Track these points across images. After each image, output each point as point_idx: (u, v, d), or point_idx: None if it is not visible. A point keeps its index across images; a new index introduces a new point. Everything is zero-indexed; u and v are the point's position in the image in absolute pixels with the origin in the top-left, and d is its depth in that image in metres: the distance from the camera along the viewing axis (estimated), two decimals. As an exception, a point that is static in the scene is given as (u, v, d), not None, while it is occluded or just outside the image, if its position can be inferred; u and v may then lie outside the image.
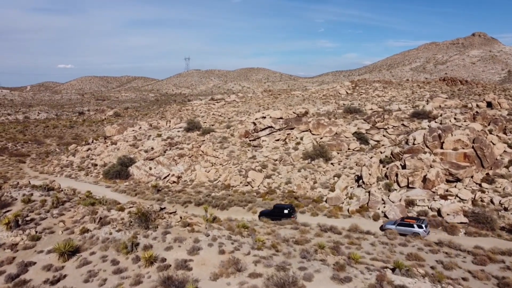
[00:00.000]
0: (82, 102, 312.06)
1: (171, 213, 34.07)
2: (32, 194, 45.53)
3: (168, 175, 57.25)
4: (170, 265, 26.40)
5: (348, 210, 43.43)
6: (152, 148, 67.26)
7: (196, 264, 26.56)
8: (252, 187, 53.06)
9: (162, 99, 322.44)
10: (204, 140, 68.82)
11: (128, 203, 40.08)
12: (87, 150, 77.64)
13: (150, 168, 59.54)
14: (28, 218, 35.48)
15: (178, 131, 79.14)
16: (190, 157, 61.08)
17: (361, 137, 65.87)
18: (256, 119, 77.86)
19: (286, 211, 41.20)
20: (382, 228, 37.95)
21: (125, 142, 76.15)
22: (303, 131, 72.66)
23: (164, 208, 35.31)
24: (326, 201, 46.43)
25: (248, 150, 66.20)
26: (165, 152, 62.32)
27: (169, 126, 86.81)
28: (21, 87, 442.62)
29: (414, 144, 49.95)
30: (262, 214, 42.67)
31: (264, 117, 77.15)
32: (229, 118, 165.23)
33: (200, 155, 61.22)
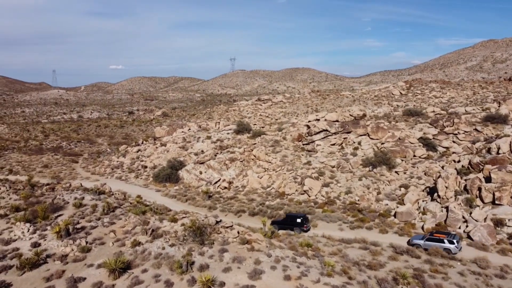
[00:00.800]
0: (131, 102, 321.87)
1: (227, 227, 30.89)
2: (83, 198, 44.37)
3: (219, 180, 54.60)
4: (231, 293, 23.17)
5: (422, 228, 38.24)
6: (202, 151, 65.03)
7: (260, 293, 23.13)
8: (309, 196, 49.02)
9: (208, 99, 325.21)
10: (255, 144, 65.61)
11: (181, 212, 37.56)
12: (137, 151, 77.13)
13: (201, 172, 57.20)
14: (78, 226, 33.77)
15: (228, 133, 76.63)
16: (241, 161, 58.10)
17: (428, 143, 59.74)
18: (309, 121, 73.62)
19: (298, 220, 39.16)
20: (409, 243, 34.78)
21: (175, 144, 74.73)
22: (361, 135, 67.49)
23: (220, 221, 32.23)
24: (395, 216, 41.44)
25: (302, 155, 62.16)
26: (215, 155, 59.80)
27: (218, 127, 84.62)
28: (76, 87, 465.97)
29: (498, 153, 43.62)
30: (274, 223, 40.26)
31: (318, 120, 72.68)
32: (276, 119, 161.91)
33: (252, 159, 58.06)
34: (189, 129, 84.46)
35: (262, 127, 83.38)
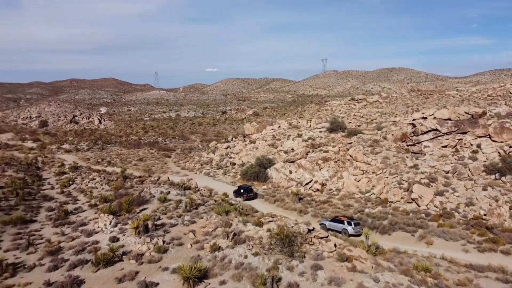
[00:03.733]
0: (225, 102, 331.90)
1: (322, 237, 25.51)
2: (169, 193, 42.59)
3: (310, 181, 49.30)
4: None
5: None
6: (292, 149, 60.35)
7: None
8: (419, 206, 41.09)
9: (299, 100, 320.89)
10: (351, 143, 58.82)
11: (268, 215, 33.16)
12: (226, 148, 75.47)
13: (291, 172, 52.49)
14: (159, 222, 31.28)
15: (320, 131, 70.84)
16: (336, 161, 52.00)
17: None
18: (414, 119, 64.29)
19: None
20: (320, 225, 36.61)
21: (264, 141, 71.29)
22: (480, 137, 56.64)
23: (313, 229, 26.96)
24: (540, 239, 31.91)
25: (407, 157, 53.79)
26: (307, 154, 54.60)
27: (310, 125, 79.20)
28: (175, 88, 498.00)
29: None
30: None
31: (425, 118, 63.03)
32: (372, 120, 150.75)
33: (348, 160, 51.56)
34: (279, 126, 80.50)
35: (358, 126, 75.82)
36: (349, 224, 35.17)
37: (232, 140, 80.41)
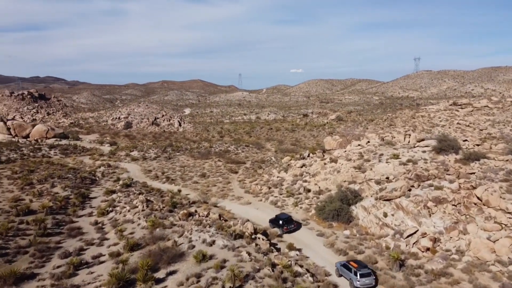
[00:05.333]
0: (307, 104, 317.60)
1: None
2: (213, 243, 31.04)
3: (414, 233, 34.31)
4: None
5: None
6: (387, 178, 45.28)
7: None
8: None
9: (387, 103, 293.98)
10: (473, 173, 41.88)
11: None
12: (301, 167, 62.47)
13: (385, 215, 37.84)
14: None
15: (424, 151, 54.34)
16: (455, 205, 36.04)
17: None
18: None
19: None
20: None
21: (348, 162, 56.89)
22: None
23: None
24: None
25: None
26: (409, 190, 39.33)
27: (408, 141, 62.62)
28: (258, 89, 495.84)
29: None
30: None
31: None
32: (481, 130, 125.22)
33: (475, 204, 35.27)
34: (368, 141, 65.15)
35: (478, 145, 57.38)
36: (355, 274, 28.59)
37: (309, 156, 67.10)
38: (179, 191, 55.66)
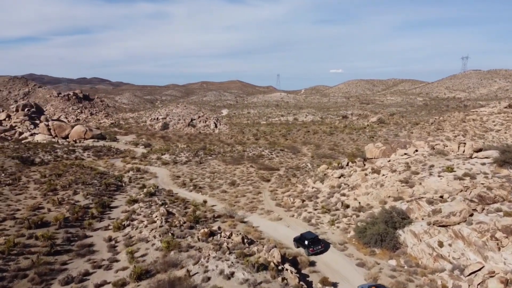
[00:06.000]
0: (346, 105, 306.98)
1: None
2: (232, 275, 26.50)
3: (479, 270, 27.92)
4: None
5: None
6: (441, 197, 38.70)
7: None
8: None
9: (432, 104, 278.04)
10: (550, 195, 34.46)
11: None
12: (339, 177, 56.54)
13: (441, 244, 31.51)
14: None
15: (483, 164, 47.01)
16: (531, 237, 29.20)
17: None
18: None
19: None
20: None
21: (393, 173, 50.44)
22: None
23: None
24: None
25: None
26: (471, 215, 32.73)
27: (463, 151, 55.09)
28: (296, 90, 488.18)
29: None
30: None
31: None
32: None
33: (559, 237, 28.32)
34: (416, 150, 58.15)
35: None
36: None
37: (348, 165, 60.97)
38: (205, 202, 51.61)
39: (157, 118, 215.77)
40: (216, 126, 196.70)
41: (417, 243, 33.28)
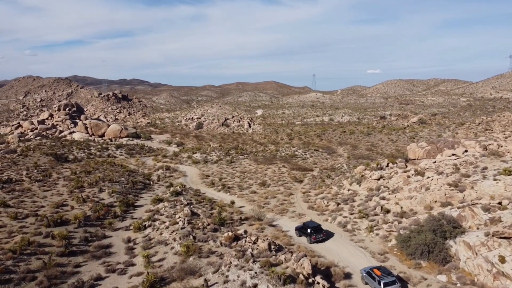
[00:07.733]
0: (385, 105, 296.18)
1: None
2: (255, 287, 23.29)
3: (553, 293, 23.12)
4: None
5: None
6: (500, 204, 33.61)
7: None
8: None
9: (476, 104, 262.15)
10: None
11: None
12: (378, 179, 51.87)
13: (503, 260, 26.73)
14: None
15: (546, 167, 41.05)
16: None
17: None
18: None
19: None
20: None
21: (439, 176, 45.34)
22: None
23: None
24: None
25: None
26: (541, 225, 27.69)
27: (522, 152, 48.92)
28: (332, 91, 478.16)
29: None
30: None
31: None
32: None
33: None
34: (465, 151, 52.50)
35: None
36: (379, 283, 26.22)
37: (387, 166, 56.10)
38: (233, 202, 48.69)
39: (192, 118, 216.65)
40: (249, 126, 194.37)
41: (472, 257, 28.55)
